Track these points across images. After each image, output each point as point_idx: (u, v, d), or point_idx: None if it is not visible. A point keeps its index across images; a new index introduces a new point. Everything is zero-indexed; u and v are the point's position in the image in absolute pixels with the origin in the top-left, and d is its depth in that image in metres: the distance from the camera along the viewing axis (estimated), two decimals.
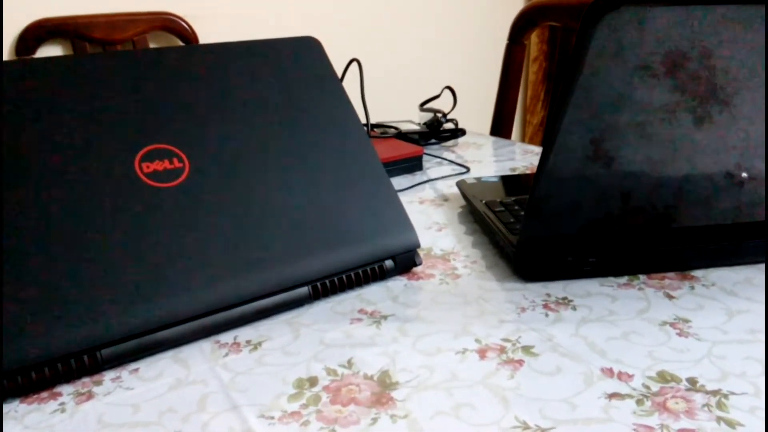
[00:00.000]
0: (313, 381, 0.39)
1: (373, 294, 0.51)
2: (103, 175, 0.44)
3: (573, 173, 0.47)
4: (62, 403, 0.38)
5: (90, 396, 0.39)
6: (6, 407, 0.38)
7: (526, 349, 0.42)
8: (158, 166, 0.46)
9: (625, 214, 0.50)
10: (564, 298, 0.49)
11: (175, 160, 0.47)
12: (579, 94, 0.44)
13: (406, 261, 0.54)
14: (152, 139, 0.47)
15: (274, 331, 0.45)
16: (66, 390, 0.39)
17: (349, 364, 0.41)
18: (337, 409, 0.37)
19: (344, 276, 0.50)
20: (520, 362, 0.40)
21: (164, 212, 0.45)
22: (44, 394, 0.39)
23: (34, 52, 1.36)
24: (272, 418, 0.36)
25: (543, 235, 0.50)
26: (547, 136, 0.47)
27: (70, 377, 0.40)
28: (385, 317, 0.47)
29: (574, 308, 0.47)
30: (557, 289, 0.50)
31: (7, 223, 0.40)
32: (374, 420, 0.36)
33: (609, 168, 0.47)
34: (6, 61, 0.47)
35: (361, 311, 0.48)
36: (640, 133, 0.47)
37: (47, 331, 0.38)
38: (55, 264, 0.40)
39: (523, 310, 0.47)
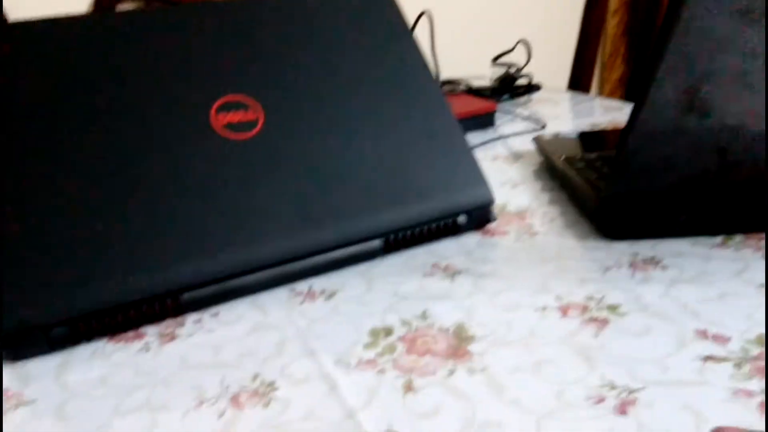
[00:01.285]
0: (388, 331, 0.39)
1: (446, 249, 0.50)
2: (181, 125, 0.45)
3: (666, 126, 0.44)
4: (147, 343, 0.39)
5: (173, 337, 0.40)
6: (94, 345, 0.39)
7: (612, 308, 0.40)
8: (233, 117, 0.46)
9: (721, 170, 0.46)
10: (652, 258, 0.46)
11: (250, 111, 0.47)
12: (676, 39, 0.41)
13: (480, 217, 0.52)
14: (227, 90, 0.47)
15: (348, 281, 0.45)
16: (150, 331, 0.41)
17: (424, 316, 0.41)
18: (413, 359, 0.36)
19: (417, 230, 0.50)
20: (605, 321, 0.39)
21: (240, 163, 0.45)
22: (130, 334, 0.40)
23: (114, 7, 1.40)
24: (348, 364, 0.36)
25: (630, 191, 0.47)
26: (640, 86, 0.44)
27: (154, 319, 0.41)
28: (458, 272, 0.46)
29: (663, 268, 0.44)
30: (645, 248, 0.47)
31: (96, 173, 0.42)
32: (451, 372, 0.35)
33: (705, 120, 0.44)
34: (82, 15, 0.47)
35: (434, 266, 0.47)
36: (741, 82, 0.43)
37: (133, 274, 0.40)
38: (140, 213, 0.41)
39: (607, 269, 0.45)
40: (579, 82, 1.15)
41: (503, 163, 0.69)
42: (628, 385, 0.33)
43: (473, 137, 0.80)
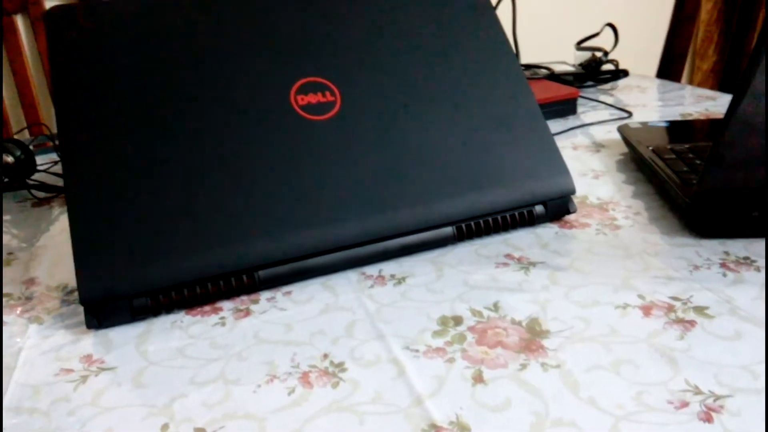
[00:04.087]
0: (457, 320, 0.38)
1: (521, 239, 0.48)
2: (263, 105, 0.46)
3: None
4: (223, 317, 0.40)
5: (247, 313, 0.41)
6: (173, 317, 0.41)
7: (699, 310, 0.38)
8: (312, 99, 0.47)
9: None
10: (746, 258, 0.43)
11: (327, 93, 0.47)
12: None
13: (558, 207, 0.50)
14: (307, 72, 0.48)
15: (418, 268, 0.45)
16: (226, 306, 0.42)
17: (495, 307, 0.40)
18: (483, 351, 0.35)
19: (490, 219, 0.48)
20: (692, 323, 0.36)
21: (317, 145, 0.45)
22: (207, 308, 0.42)
23: None
24: (417, 351, 0.36)
25: (725, 187, 0.44)
26: (740, 73, 0.40)
27: (230, 294, 0.42)
28: (533, 264, 0.44)
29: (757, 269, 0.41)
30: (737, 247, 0.44)
31: (180, 149, 0.43)
32: (523, 366, 0.34)
33: None
34: None
35: (507, 256, 0.46)
36: None
37: (212, 250, 0.41)
38: (221, 190, 0.42)
39: (696, 267, 0.42)
40: (669, 70, 1.08)
41: (585, 153, 0.67)
42: (714, 391, 0.31)
43: (554, 125, 0.77)
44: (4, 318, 0.42)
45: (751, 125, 0.41)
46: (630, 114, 0.79)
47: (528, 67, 0.98)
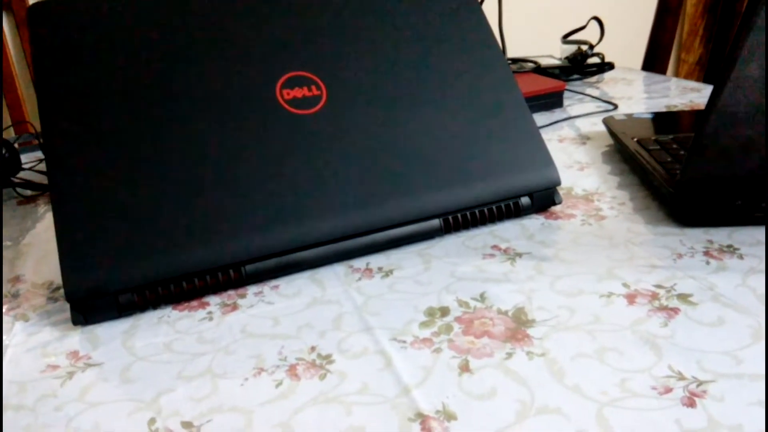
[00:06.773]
0: (444, 311, 0.39)
1: (507, 231, 0.49)
2: (249, 100, 0.45)
3: (750, 106, 0.41)
4: (210, 312, 0.40)
5: (235, 307, 0.41)
6: (160, 312, 0.41)
7: (683, 297, 0.38)
8: (298, 93, 0.47)
9: None
10: (729, 246, 0.43)
11: (313, 87, 0.47)
12: (765, 15, 0.38)
13: (544, 199, 0.51)
14: (292, 66, 0.47)
15: (405, 260, 0.45)
16: (213, 300, 0.42)
17: (482, 297, 0.40)
18: (470, 340, 0.36)
19: (477, 211, 0.49)
20: (675, 310, 0.37)
21: (304, 139, 0.45)
22: (194, 303, 0.42)
23: None
24: (404, 342, 0.36)
25: (708, 176, 0.44)
26: (722, 64, 0.41)
27: (217, 289, 0.42)
28: (519, 255, 0.45)
29: (740, 257, 0.42)
30: (721, 235, 0.45)
31: (166, 144, 0.43)
32: (509, 355, 0.34)
33: None
34: None
35: (494, 247, 0.46)
36: None
37: (198, 245, 0.41)
38: (207, 185, 0.42)
39: (680, 256, 0.43)
40: (654, 62, 1.09)
41: (571, 145, 0.67)
42: (697, 377, 0.31)
43: (540, 117, 0.77)
44: None
45: (732, 114, 0.42)
46: (615, 106, 0.79)
47: (514, 60, 0.99)
